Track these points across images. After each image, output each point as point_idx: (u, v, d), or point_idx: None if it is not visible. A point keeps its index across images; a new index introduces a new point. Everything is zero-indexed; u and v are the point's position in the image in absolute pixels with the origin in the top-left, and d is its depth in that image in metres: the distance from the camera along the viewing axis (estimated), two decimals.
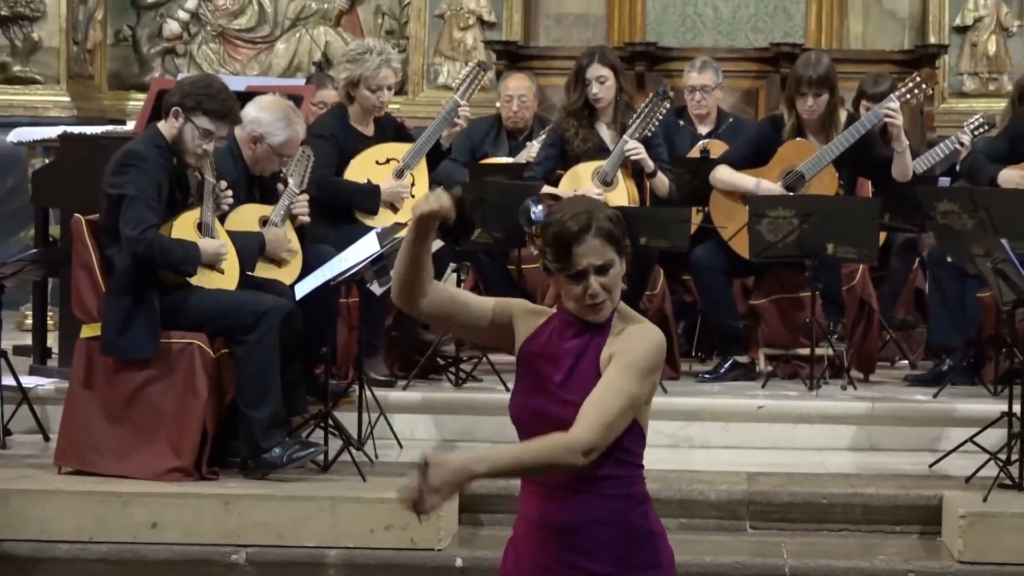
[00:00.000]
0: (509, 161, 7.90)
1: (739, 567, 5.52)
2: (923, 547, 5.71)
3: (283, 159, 6.40)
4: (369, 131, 7.23)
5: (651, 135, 7.34)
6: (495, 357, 6.87)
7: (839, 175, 7.26)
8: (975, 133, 7.85)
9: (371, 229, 6.32)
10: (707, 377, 7.29)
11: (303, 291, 6.06)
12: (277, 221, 6.34)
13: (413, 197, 7.02)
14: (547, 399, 3.31)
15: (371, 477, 5.87)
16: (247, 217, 6.32)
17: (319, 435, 6.04)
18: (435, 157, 7.29)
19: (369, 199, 7.06)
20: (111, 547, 5.62)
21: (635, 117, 7.31)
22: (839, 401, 6.79)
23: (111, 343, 5.89)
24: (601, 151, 7.34)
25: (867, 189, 7.61)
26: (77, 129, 7.71)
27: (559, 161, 7.40)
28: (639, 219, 6.80)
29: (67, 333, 6.85)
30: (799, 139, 7.28)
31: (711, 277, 7.27)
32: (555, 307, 3.41)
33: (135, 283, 5.85)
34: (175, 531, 5.62)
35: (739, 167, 7.33)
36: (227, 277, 6.02)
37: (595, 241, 3.27)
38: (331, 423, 6.02)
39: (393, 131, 7.37)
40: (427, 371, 7.08)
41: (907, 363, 7.89)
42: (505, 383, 6.68)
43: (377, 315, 6.73)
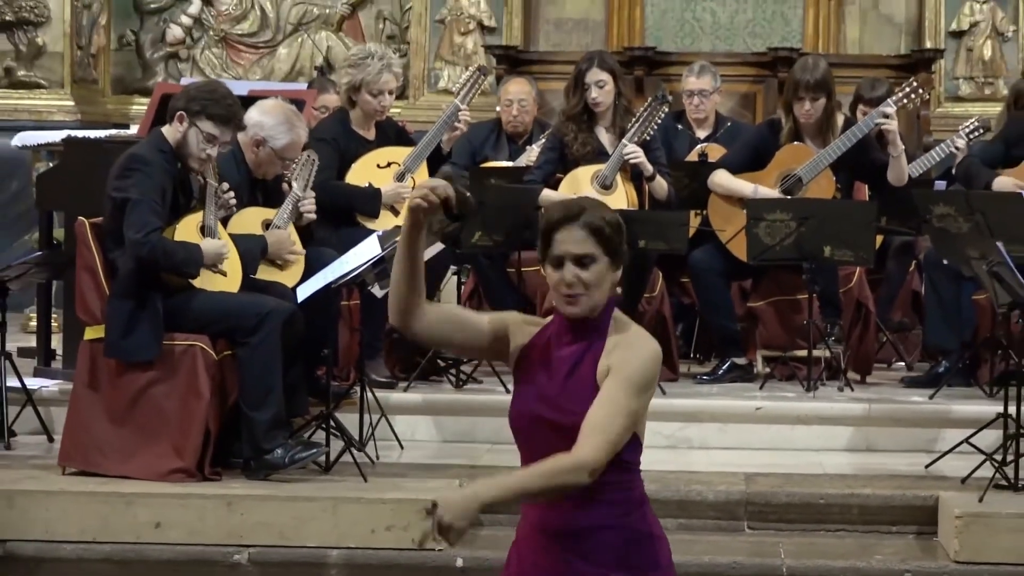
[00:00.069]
0: (509, 165, 7.92)
1: (737, 567, 5.52)
2: (919, 547, 5.71)
3: (285, 162, 6.41)
4: (370, 135, 7.25)
5: (650, 139, 7.35)
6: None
7: (836, 179, 7.27)
8: (971, 137, 7.84)
9: (372, 232, 6.34)
10: (705, 379, 7.32)
11: (305, 293, 6.08)
12: (281, 224, 6.35)
13: None
14: (544, 407, 3.31)
15: (372, 478, 5.89)
16: (250, 220, 6.34)
17: (321, 436, 6.05)
18: (436, 161, 7.30)
19: (370, 202, 7.09)
20: (115, 547, 5.63)
21: (634, 121, 7.32)
22: (836, 402, 6.80)
23: (114, 345, 5.90)
24: (600, 155, 7.35)
25: (864, 193, 7.61)
26: (81, 133, 7.70)
27: (559, 165, 7.40)
28: (638, 222, 6.81)
29: (71, 335, 6.86)
30: (796, 143, 7.29)
31: (709, 279, 7.29)
32: (551, 315, 3.41)
33: (138, 286, 5.86)
34: (178, 531, 5.62)
35: (737, 171, 7.34)
36: (229, 280, 6.04)
37: (579, 232, 3.28)
38: (332, 424, 6.03)
39: (394, 135, 7.39)
40: (428, 373, 7.10)
41: (904, 365, 7.91)
42: (505, 384, 6.69)
43: (378, 317, 6.72)
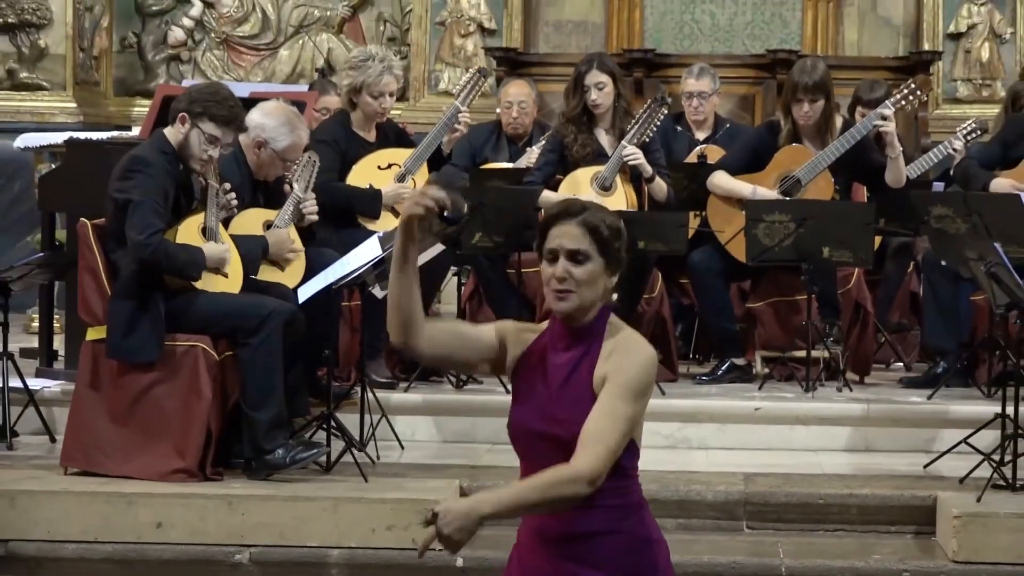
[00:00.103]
0: (509, 166, 7.94)
1: (736, 567, 5.53)
2: (918, 547, 5.72)
3: (287, 164, 6.43)
4: (371, 137, 7.28)
5: (649, 140, 7.36)
6: None
7: (835, 180, 7.28)
8: (968, 138, 7.85)
9: (373, 233, 6.34)
10: (704, 379, 7.33)
11: (306, 294, 6.09)
12: (281, 225, 6.36)
13: None
14: (541, 421, 3.31)
15: (373, 478, 5.90)
16: (251, 221, 6.35)
17: (321, 436, 6.06)
18: (436, 162, 7.32)
19: (371, 203, 7.11)
20: (116, 547, 5.64)
21: (633, 123, 7.33)
22: (835, 403, 6.82)
23: (116, 346, 5.92)
24: (600, 156, 7.36)
25: (862, 194, 7.62)
26: (83, 135, 7.72)
27: (558, 166, 7.41)
28: (637, 223, 6.81)
29: (73, 336, 6.88)
30: (795, 145, 7.30)
31: (708, 280, 7.30)
32: (547, 321, 3.41)
33: (140, 287, 5.87)
34: (180, 531, 5.64)
35: (736, 172, 7.35)
36: (231, 281, 6.05)
37: (576, 228, 3.28)
38: (333, 424, 6.04)
39: (395, 137, 7.41)
40: (428, 373, 7.11)
41: (902, 365, 7.93)
42: (505, 385, 6.71)
43: (379, 318, 6.65)
